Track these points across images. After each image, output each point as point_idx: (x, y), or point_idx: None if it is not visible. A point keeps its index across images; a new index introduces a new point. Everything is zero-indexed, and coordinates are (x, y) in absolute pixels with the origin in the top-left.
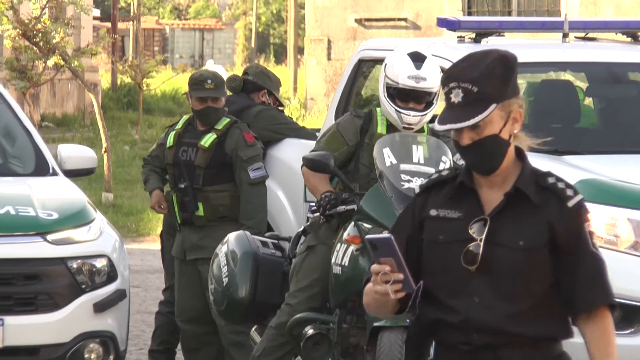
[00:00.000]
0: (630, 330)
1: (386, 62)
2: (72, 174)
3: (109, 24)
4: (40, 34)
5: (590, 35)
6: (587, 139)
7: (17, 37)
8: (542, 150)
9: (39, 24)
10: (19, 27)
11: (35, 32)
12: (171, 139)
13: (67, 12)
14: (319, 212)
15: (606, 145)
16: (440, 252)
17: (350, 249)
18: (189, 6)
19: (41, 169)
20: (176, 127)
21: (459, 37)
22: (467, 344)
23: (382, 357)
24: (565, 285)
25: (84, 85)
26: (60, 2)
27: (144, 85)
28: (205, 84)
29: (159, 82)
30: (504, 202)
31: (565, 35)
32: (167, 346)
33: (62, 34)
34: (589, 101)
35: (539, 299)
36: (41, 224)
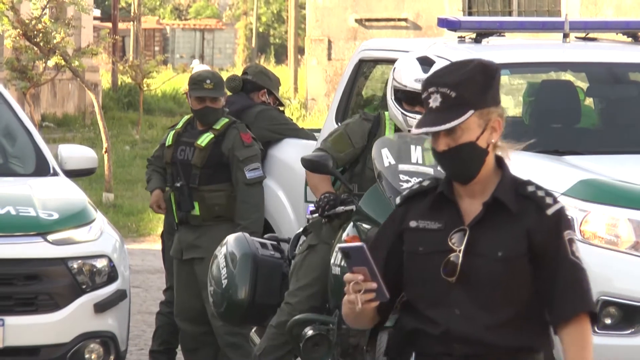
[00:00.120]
0: (630, 330)
1: (395, 66)
2: (72, 174)
3: (110, 24)
4: (40, 34)
5: (590, 35)
6: (588, 139)
7: (17, 37)
8: (543, 150)
9: (39, 24)
10: (20, 27)
11: (35, 32)
12: (170, 138)
13: (67, 12)
14: (317, 213)
15: (607, 145)
16: (420, 264)
17: None
18: (190, 6)
19: (42, 169)
20: (177, 127)
21: (459, 37)
22: (448, 355)
23: (381, 358)
24: (544, 293)
25: (84, 85)
26: (60, 2)
27: (145, 85)
28: (204, 84)
29: (160, 82)
30: (483, 212)
31: (565, 35)
32: (168, 346)
33: (62, 34)
34: (589, 101)
35: (520, 310)
36: (42, 224)
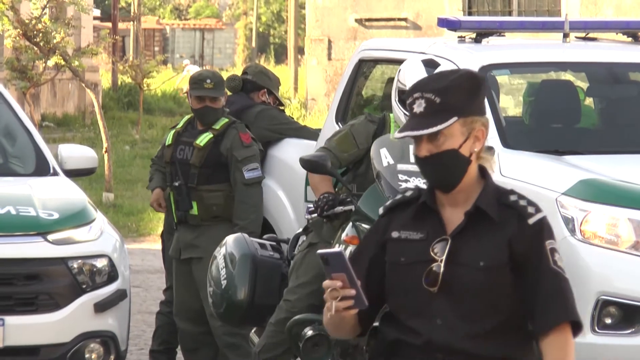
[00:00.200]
0: (630, 330)
1: (400, 68)
2: (72, 174)
3: (110, 24)
4: (40, 34)
5: (590, 35)
6: (588, 139)
7: (17, 37)
8: (543, 150)
9: (39, 24)
10: (20, 27)
11: (35, 32)
12: (170, 137)
13: (67, 12)
14: (316, 213)
15: (607, 145)
16: (402, 274)
17: (348, 249)
18: (189, 6)
19: (42, 169)
20: (177, 126)
21: (459, 37)
22: None
23: None
24: (527, 303)
25: (84, 85)
26: (60, 2)
27: (145, 85)
28: (204, 84)
29: (160, 82)
30: (465, 221)
31: (565, 35)
32: (168, 346)
33: (62, 34)
34: (589, 101)
35: (502, 319)
36: (42, 224)
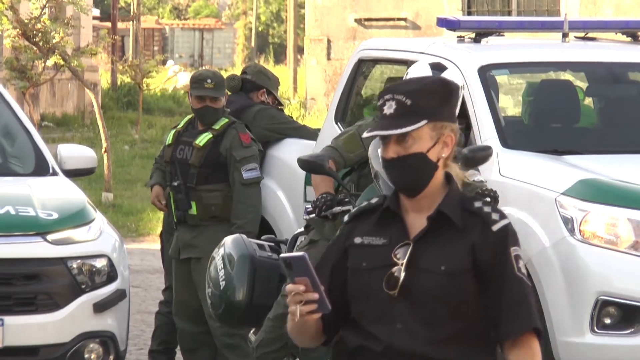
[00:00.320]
0: (630, 330)
1: (407, 71)
2: (72, 174)
3: (109, 24)
4: (39, 34)
5: (590, 35)
6: (587, 138)
7: (16, 37)
8: (542, 150)
9: (38, 24)
10: (19, 27)
11: (34, 32)
12: (170, 137)
13: (66, 12)
14: (314, 214)
15: (606, 145)
16: (363, 279)
17: None
18: (189, 6)
19: (41, 168)
20: (178, 126)
21: (458, 37)
22: None
23: None
24: (490, 310)
25: (83, 85)
26: (59, 2)
27: (144, 85)
28: (204, 83)
29: (159, 82)
30: (428, 226)
31: (565, 35)
32: (167, 346)
33: (61, 33)
34: (588, 101)
35: (464, 325)
36: (41, 224)
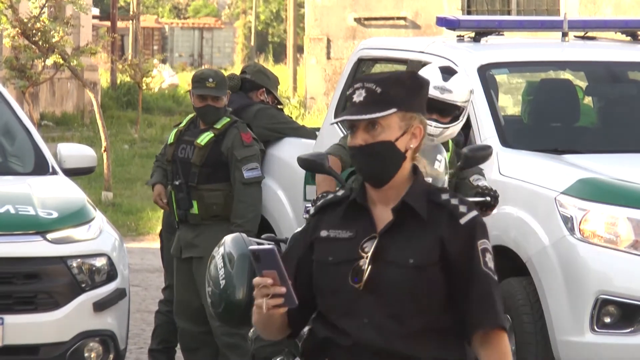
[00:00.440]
0: (630, 329)
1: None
2: (71, 173)
3: (109, 23)
4: (39, 33)
5: (589, 34)
6: (587, 138)
7: (16, 36)
8: (542, 149)
9: (38, 23)
10: (18, 26)
11: (34, 31)
12: (172, 136)
13: (66, 11)
14: None
15: (606, 144)
16: (330, 273)
17: None
18: (188, 5)
19: (41, 168)
20: (180, 125)
21: (458, 36)
22: None
23: None
24: (458, 305)
25: (83, 84)
26: (59, 1)
27: (144, 84)
28: (206, 82)
29: (159, 81)
30: (394, 218)
31: (564, 34)
32: (167, 345)
33: (61, 33)
34: (588, 100)
35: (431, 319)
36: (41, 223)
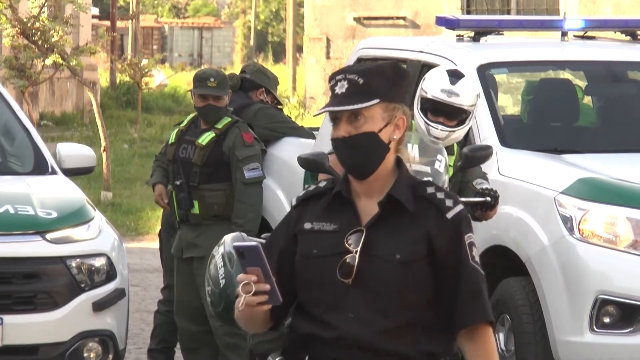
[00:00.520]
0: (630, 329)
1: (424, 77)
2: (71, 173)
3: (108, 23)
4: (39, 33)
5: (589, 34)
6: (586, 137)
7: (15, 36)
8: (541, 148)
9: (37, 23)
10: (18, 25)
11: (34, 30)
12: (173, 136)
13: (65, 11)
14: None
15: (605, 143)
16: (315, 266)
17: None
18: (188, 4)
19: (40, 167)
20: (181, 124)
21: (457, 35)
22: None
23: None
24: (445, 300)
25: (82, 83)
26: (58, 0)
27: (143, 84)
28: (207, 82)
29: (158, 81)
30: (380, 212)
31: (564, 34)
32: (166, 345)
33: (60, 32)
34: (587, 100)
35: (418, 314)
36: (40, 223)
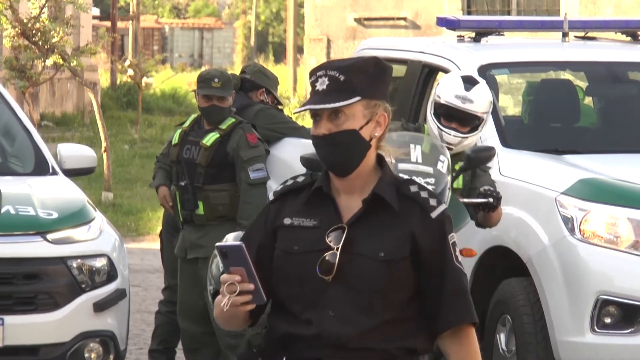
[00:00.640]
0: (630, 329)
1: (439, 82)
2: (71, 173)
3: (109, 23)
4: (39, 34)
5: (589, 34)
6: (587, 138)
7: (16, 37)
8: (542, 149)
9: (38, 24)
10: (18, 26)
11: (34, 31)
12: (176, 136)
13: (66, 11)
14: None
15: (606, 144)
16: (294, 263)
17: None
18: (188, 5)
19: (41, 168)
20: (184, 125)
21: (458, 36)
22: (318, 359)
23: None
24: (428, 300)
25: (83, 84)
26: (59, 1)
27: (144, 84)
28: (212, 82)
29: (159, 81)
30: (363, 209)
31: (564, 34)
32: (167, 345)
33: (61, 33)
34: (588, 100)
35: (398, 312)
36: (41, 223)
